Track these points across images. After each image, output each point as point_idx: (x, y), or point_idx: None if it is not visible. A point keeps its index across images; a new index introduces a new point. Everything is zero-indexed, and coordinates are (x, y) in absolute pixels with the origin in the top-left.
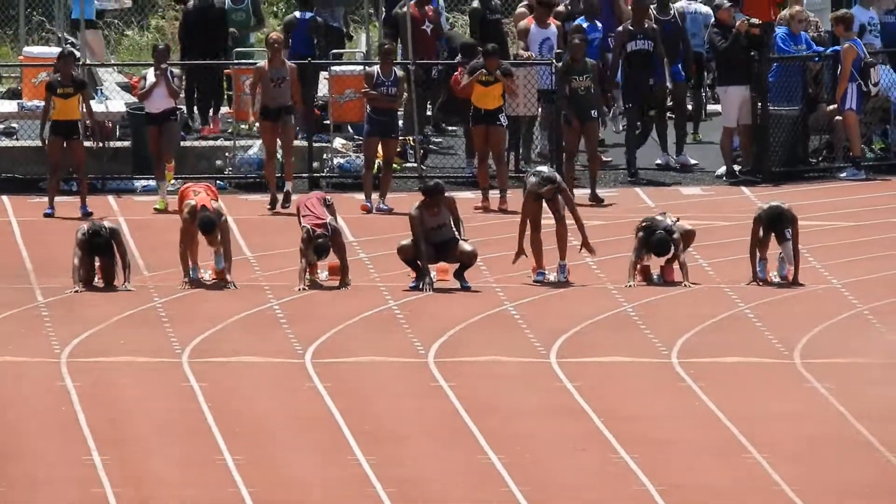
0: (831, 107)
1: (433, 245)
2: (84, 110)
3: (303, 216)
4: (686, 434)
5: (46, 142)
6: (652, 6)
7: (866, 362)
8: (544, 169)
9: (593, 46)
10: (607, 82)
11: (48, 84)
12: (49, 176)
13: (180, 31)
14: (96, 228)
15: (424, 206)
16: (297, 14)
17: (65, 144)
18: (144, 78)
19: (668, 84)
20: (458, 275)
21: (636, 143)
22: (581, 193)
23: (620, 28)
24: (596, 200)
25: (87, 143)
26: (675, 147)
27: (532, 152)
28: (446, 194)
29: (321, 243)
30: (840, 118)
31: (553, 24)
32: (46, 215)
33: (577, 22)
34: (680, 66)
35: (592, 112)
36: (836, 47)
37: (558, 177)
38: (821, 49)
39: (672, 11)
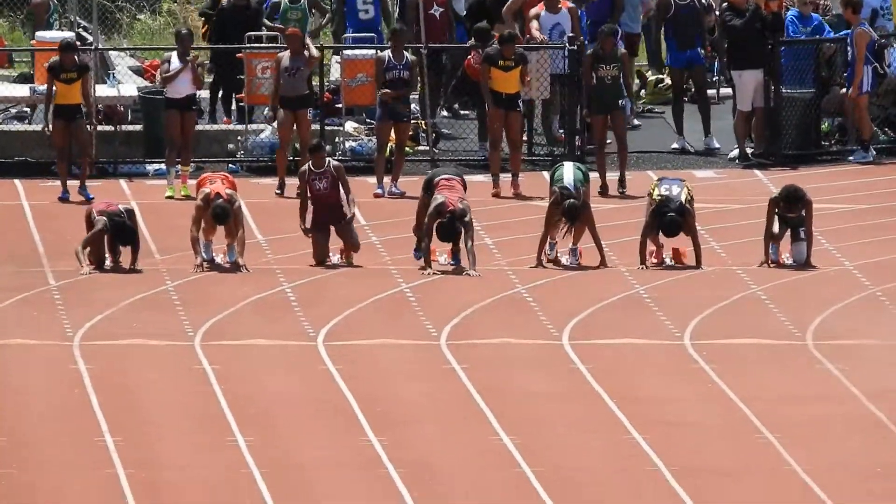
0: (844, 90)
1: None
2: (85, 94)
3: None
4: (698, 416)
5: (50, 126)
6: None
7: (879, 343)
8: (569, 183)
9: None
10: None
11: (50, 68)
12: (58, 160)
13: (213, 28)
14: (119, 219)
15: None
16: None
17: (69, 128)
18: (168, 62)
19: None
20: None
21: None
22: (610, 177)
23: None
24: (624, 189)
25: (100, 128)
26: (702, 131)
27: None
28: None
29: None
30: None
31: (564, 8)
32: (61, 199)
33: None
34: (699, 49)
35: (619, 101)
36: (847, 31)
37: (582, 190)
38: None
39: None
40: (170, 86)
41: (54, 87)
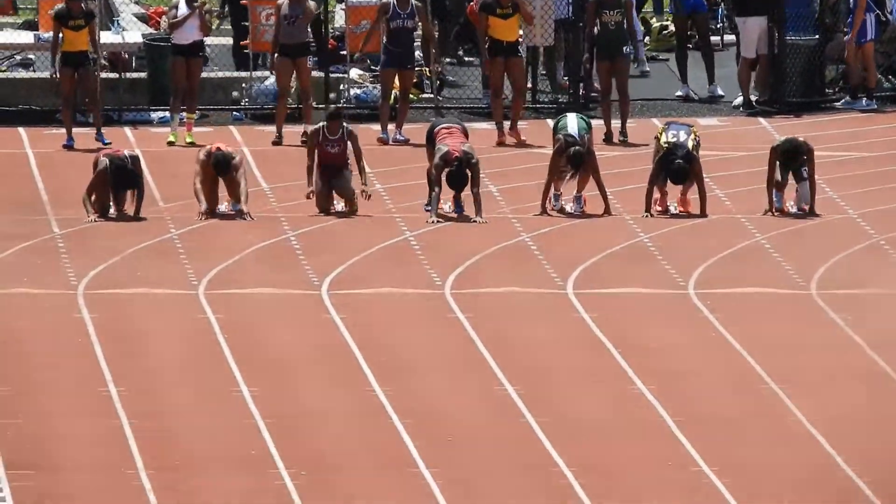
0: (848, 37)
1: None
2: (92, 41)
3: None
4: (702, 365)
5: (58, 73)
6: None
7: (883, 293)
8: (573, 131)
9: None
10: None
11: (57, 15)
12: (63, 107)
13: None
14: (120, 163)
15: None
16: None
17: (76, 75)
18: (176, 8)
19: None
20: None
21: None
22: (614, 125)
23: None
24: (624, 141)
25: (104, 75)
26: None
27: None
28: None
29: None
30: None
31: None
32: (66, 146)
33: None
34: None
35: (623, 48)
36: None
37: (587, 137)
38: None
39: None
40: (176, 32)
41: (61, 35)
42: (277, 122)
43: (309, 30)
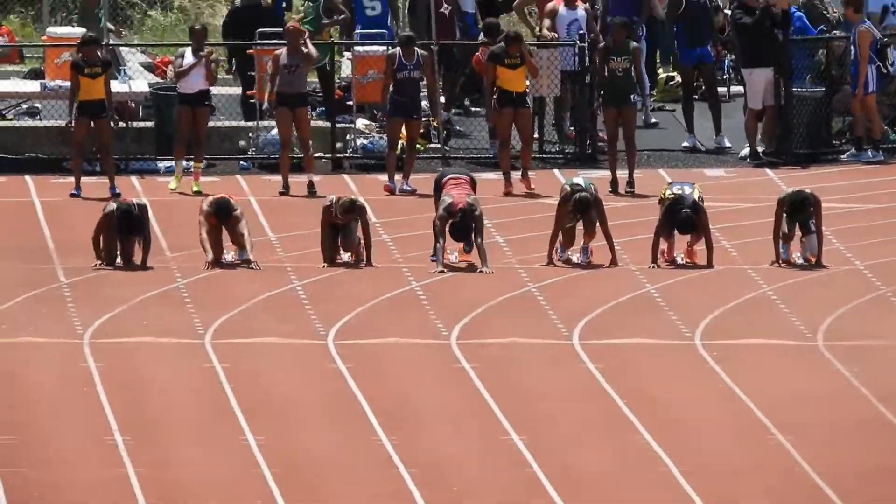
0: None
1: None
2: (107, 91)
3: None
4: (709, 416)
5: (73, 122)
6: None
7: (889, 344)
8: (580, 180)
9: (572, 31)
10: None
11: (74, 64)
12: (74, 156)
13: (226, 27)
14: (126, 207)
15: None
16: None
17: (91, 124)
18: (182, 57)
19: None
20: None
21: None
22: (621, 174)
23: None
24: (632, 188)
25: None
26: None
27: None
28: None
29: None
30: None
31: (581, 6)
32: (73, 195)
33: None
34: (709, 47)
35: (630, 96)
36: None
37: (593, 188)
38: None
39: None
40: (182, 81)
41: (78, 83)
42: (282, 172)
43: (307, 79)
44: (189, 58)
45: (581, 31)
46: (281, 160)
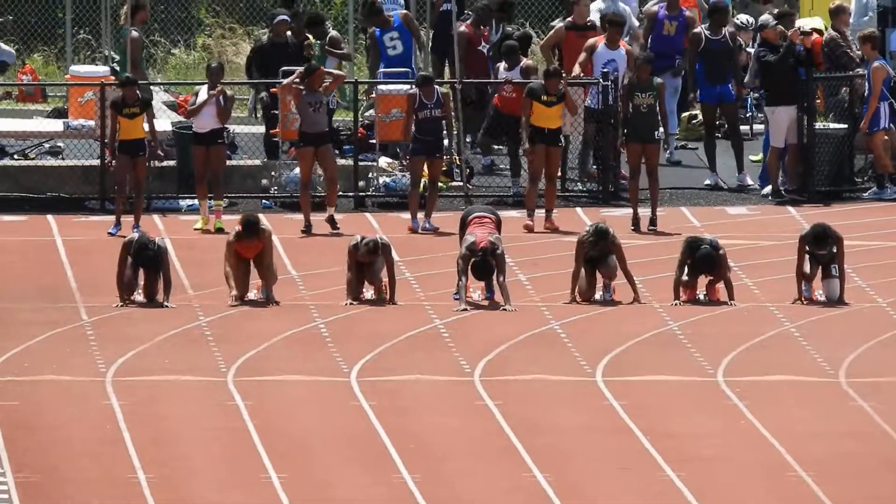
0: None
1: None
2: (147, 129)
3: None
4: (731, 453)
5: (113, 162)
6: (703, 26)
7: None
8: (600, 223)
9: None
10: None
11: (113, 103)
12: (118, 195)
13: (250, 63)
14: (145, 241)
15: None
16: None
17: (131, 162)
18: (196, 94)
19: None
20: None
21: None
22: (643, 212)
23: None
24: (654, 226)
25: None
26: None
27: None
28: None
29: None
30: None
31: (623, 48)
32: (112, 234)
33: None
34: (730, 85)
35: (654, 133)
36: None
37: (611, 231)
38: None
39: (724, 31)
40: (195, 119)
41: (118, 123)
42: (304, 211)
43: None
44: (203, 96)
45: (616, 73)
46: (302, 199)
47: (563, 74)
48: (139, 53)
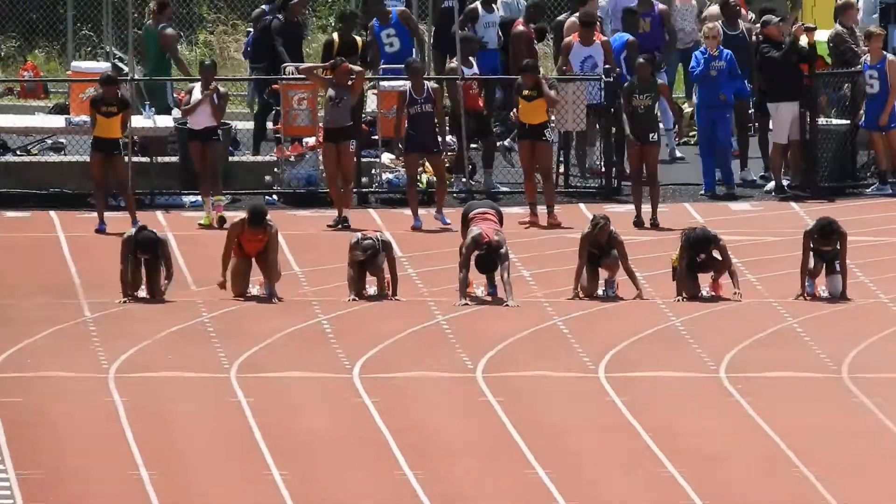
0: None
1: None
2: (123, 129)
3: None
4: (734, 449)
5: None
6: (719, 21)
7: None
8: (601, 217)
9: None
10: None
11: (92, 100)
12: (94, 192)
13: (257, 43)
14: (143, 226)
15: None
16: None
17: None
18: (190, 93)
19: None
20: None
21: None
22: (645, 210)
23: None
24: (655, 226)
25: (135, 159)
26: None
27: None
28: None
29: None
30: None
31: (598, 41)
32: (98, 231)
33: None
34: (746, 81)
35: (651, 135)
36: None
37: (613, 230)
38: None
39: (740, 27)
40: (190, 117)
41: (94, 120)
42: (336, 205)
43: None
44: (197, 94)
45: (607, 67)
46: (331, 193)
47: (541, 70)
48: (176, 49)
